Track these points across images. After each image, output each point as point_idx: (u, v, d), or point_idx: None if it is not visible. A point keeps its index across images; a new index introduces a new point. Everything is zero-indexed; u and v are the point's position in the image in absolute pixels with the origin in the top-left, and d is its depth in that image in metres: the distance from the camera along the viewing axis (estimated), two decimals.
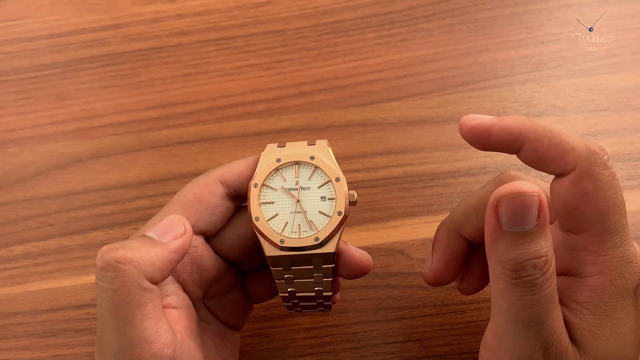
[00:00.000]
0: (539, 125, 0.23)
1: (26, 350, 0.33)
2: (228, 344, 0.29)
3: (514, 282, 0.21)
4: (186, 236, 0.24)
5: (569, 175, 0.23)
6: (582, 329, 0.22)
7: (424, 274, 0.29)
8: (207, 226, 0.27)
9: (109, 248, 0.23)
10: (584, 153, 0.22)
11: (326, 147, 0.27)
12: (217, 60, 0.43)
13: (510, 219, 0.20)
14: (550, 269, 0.21)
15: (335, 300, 0.29)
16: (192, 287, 0.27)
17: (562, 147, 0.22)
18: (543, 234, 0.21)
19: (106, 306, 0.22)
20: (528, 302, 0.21)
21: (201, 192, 0.26)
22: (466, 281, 0.29)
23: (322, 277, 0.26)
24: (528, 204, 0.20)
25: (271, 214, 0.26)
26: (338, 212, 0.26)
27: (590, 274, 0.23)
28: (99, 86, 0.42)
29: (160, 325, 0.23)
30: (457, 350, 0.32)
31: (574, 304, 0.23)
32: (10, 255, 0.36)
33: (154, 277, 0.23)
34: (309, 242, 0.25)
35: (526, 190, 0.20)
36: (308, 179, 0.27)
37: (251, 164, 0.27)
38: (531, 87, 0.40)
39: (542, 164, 0.23)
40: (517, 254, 0.21)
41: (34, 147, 0.40)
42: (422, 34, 0.43)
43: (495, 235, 0.21)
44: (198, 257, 0.27)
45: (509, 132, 0.23)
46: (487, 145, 0.24)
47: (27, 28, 0.46)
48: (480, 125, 0.24)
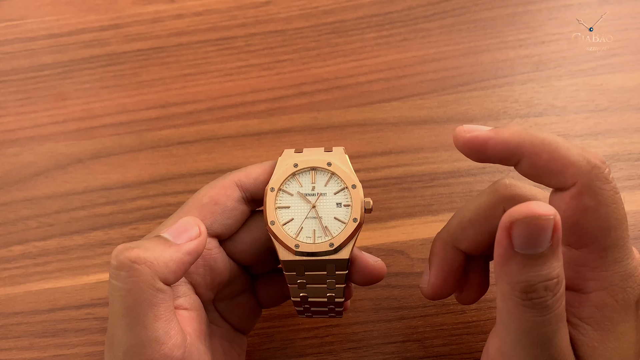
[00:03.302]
0: (537, 138, 0.22)
1: (26, 350, 0.33)
2: (235, 347, 0.29)
3: (524, 304, 0.20)
4: (201, 238, 0.24)
5: (569, 190, 0.22)
6: (585, 345, 0.22)
7: (422, 288, 0.28)
8: (222, 229, 0.26)
9: (124, 247, 0.23)
10: (585, 167, 0.21)
11: (343, 154, 0.27)
12: (217, 60, 0.43)
13: (524, 242, 0.20)
14: (561, 290, 0.20)
15: (346, 306, 0.29)
16: (203, 289, 0.27)
17: (562, 161, 0.22)
18: (556, 255, 0.20)
19: (118, 305, 0.22)
20: (538, 324, 0.20)
21: (217, 195, 0.26)
22: (465, 292, 0.29)
23: (335, 283, 0.26)
24: (543, 227, 0.19)
25: (287, 218, 0.26)
26: (353, 219, 0.26)
27: (592, 290, 0.22)
28: (99, 86, 0.42)
29: (171, 327, 0.23)
30: (457, 350, 0.32)
31: (576, 319, 0.22)
32: (10, 255, 0.36)
33: (167, 278, 0.23)
34: (323, 248, 0.25)
35: (542, 213, 0.19)
36: (324, 185, 0.27)
37: (268, 169, 0.27)
38: (531, 87, 0.40)
39: (541, 178, 0.23)
40: (529, 277, 0.20)
41: (34, 147, 0.40)
42: (422, 34, 0.43)
43: (507, 257, 0.20)
44: (211, 260, 0.26)
45: (505, 145, 0.23)
46: (483, 158, 0.24)
47: (27, 28, 0.46)
48: (476, 138, 0.23)
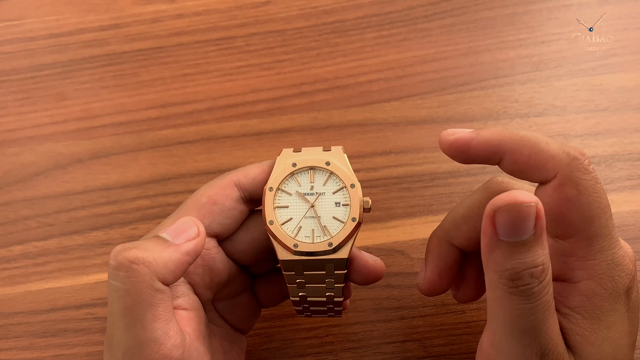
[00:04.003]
0: (516, 136, 0.23)
1: (26, 350, 0.33)
2: (235, 347, 0.29)
3: (510, 291, 0.21)
4: (199, 238, 0.24)
5: (551, 183, 0.23)
6: (575, 334, 0.22)
7: (418, 284, 0.28)
8: (220, 229, 0.27)
9: (122, 247, 0.23)
10: (564, 160, 0.22)
11: (342, 153, 0.27)
12: (217, 60, 0.43)
13: (507, 229, 0.20)
14: (547, 277, 0.21)
15: (345, 306, 0.29)
16: (202, 289, 0.27)
17: (542, 155, 0.22)
18: (540, 242, 0.21)
19: (117, 306, 0.22)
20: (525, 311, 0.21)
21: (216, 195, 0.26)
22: (462, 290, 0.29)
23: (334, 282, 0.26)
24: (525, 214, 0.20)
25: (285, 218, 0.26)
26: (352, 218, 0.26)
27: (581, 279, 0.23)
28: (99, 86, 0.42)
29: (170, 327, 0.23)
30: (457, 350, 0.32)
31: (566, 309, 0.23)
32: (10, 255, 0.36)
33: (166, 279, 0.23)
34: (322, 247, 0.25)
35: (523, 200, 0.20)
36: (323, 184, 0.27)
37: (266, 168, 0.27)
38: (531, 87, 0.40)
39: (524, 174, 0.23)
40: (514, 264, 0.21)
41: (34, 147, 0.40)
42: (422, 34, 0.43)
43: (492, 245, 0.21)
44: (210, 260, 0.26)
45: (487, 144, 0.23)
46: (468, 159, 0.24)
47: (27, 28, 0.46)
48: (459, 140, 0.24)
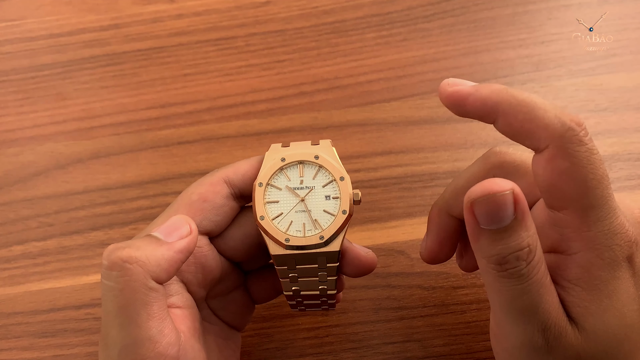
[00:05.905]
0: (515, 99, 0.22)
1: (26, 350, 0.33)
2: (230, 344, 0.29)
3: (500, 275, 0.21)
4: (192, 236, 0.25)
5: (544, 154, 0.22)
6: (576, 306, 0.22)
7: (421, 253, 0.29)
8: (211, 226, 0.27)
9: (115, 247, 0.23)
10: (559, 130, 0.21)
11: (330, 146, 0.27)
12: (217, 60, 0.43)
13: (486, 219, 0.20)
14: (536, 257, 0.21)
15: (338, 299, 0.29)
16: (196, 287, 0.27)
17: (536, 122, 0.22)
18: (522, 225, 0.21)
19: (111, 305, 0.22)
20: (517, 292, 0.21)
21: (206, 192, 0.26)
22: (465, 258, 0.30)
23: (327, 275, 0.26)
24: (501, 203, 0.20)
25: (276, 213, 0.26)
26: (342, 210, 0.26)
27: (577, 251, 0.22)
28: (99, 86, 0.42)
29: (165, 325, 0.23)
30: (457, 350, 0.32)
31: (565, 281, 0.23)
32: (10, 255, 0.36)
33: (159, 277, 0.23)
34: (313, 241, 0.25)
35: (497, 190, 0.20)
36: (312, 178, 0.27)
37: (255, 164, 0.27)
38: (531, 87, 0.40)
39: (517, 138, 0.23)
40: (499, 249, 0.21)
41: (34, 147, 0.40)
42: (422, 34, 0.43)
43: (476, 234, 0.21)
44: (202, 257, 0.27)
45: (483, 102, 0.23)
46: (463, 113, 0.24)
47: (27, 28, 0.46)
48: (457, 92, 0.24)
